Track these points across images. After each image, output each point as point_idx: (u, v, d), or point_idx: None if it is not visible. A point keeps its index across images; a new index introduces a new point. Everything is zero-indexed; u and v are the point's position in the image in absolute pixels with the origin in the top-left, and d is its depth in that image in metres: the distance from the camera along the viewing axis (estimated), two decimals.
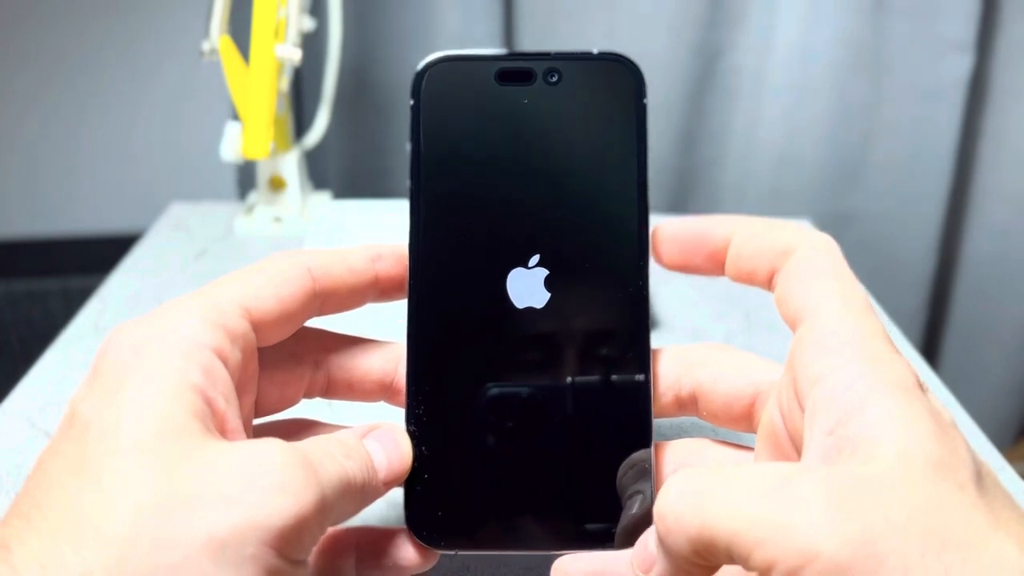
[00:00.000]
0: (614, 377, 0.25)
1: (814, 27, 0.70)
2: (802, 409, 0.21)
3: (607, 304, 0.25)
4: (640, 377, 0.25)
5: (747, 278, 0.24)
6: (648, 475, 0.24)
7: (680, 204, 0.79)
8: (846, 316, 0.21)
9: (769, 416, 0.23)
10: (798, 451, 0.21)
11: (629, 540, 0.23)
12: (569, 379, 0.25)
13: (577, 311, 0.25)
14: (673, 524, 0.18)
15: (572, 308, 0.25)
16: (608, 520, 0.24)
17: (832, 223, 0.76)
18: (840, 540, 0.16)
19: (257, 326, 0.23)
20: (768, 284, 0.24)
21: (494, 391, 0.25)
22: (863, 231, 0.79)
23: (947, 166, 0.76)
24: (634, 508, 0.24)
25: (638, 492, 0.24)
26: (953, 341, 0.86)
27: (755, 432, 0.24)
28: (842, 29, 0.70)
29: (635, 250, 0.25)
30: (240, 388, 0.22)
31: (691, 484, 0.18)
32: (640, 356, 0.25)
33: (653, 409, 0.25)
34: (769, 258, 0.24)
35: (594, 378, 0.25)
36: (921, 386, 0.20)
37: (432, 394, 0.24)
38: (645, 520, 0.23)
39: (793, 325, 0.22)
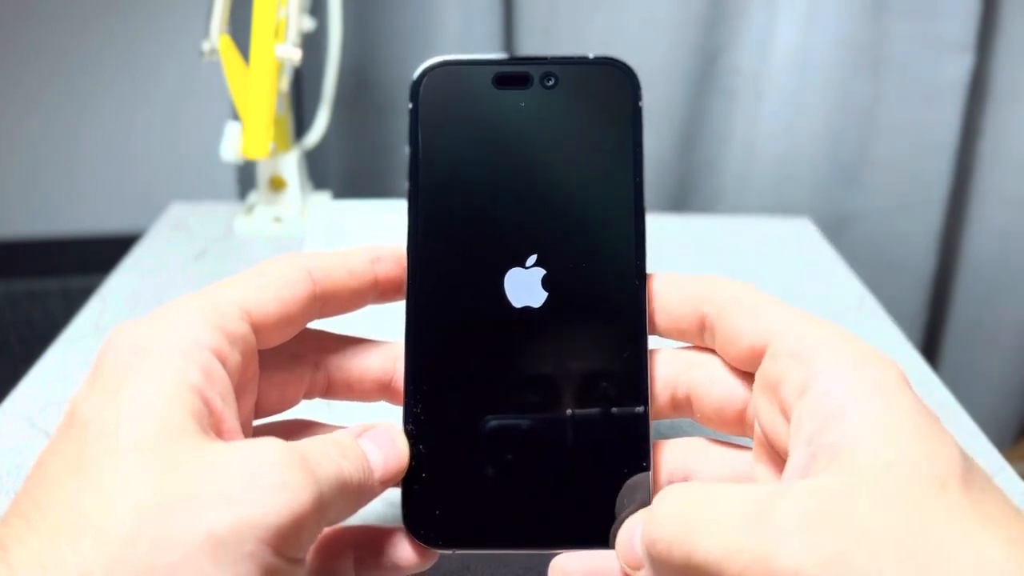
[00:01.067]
0: (612, 377, 0.25)
1: (814, 27, 0.70)
2: (787, 420, 0.21)
3: (604, 303, 0.25)
4: (638, 376, 0.25)
5: (675, 326, 0.25)
6: (648, 493, 0.24)
7: (680, 205, 0.79)
8: (813, 326, 0.22)
9: (759, 425, 0.23)
10: (787, 457, 0.21)
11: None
12: (567, 379, 0.25)
13: (574, 310, 0.25)
14: (664, 550, 0.19)
15: (569, 307, 0.25)
16: (606, 518, 0.24)
17: (832, 223, 0.76)
18: (814, 559, 0.16)
19: (257, 328, 0.23)
20: (698, 334, 0.25)
21: (492, 390, 0.25)
22: (863, 231, 0.79)
23: (947, 166, 0.76)
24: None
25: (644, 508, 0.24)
26: (953, 341, 0.86)
27: (748, 436, 0.24)
28: (842, 29, 0.70)
29: (631, 250, 0.25)
30: (239, 390, 0.22)
31: (680, 510, 0.19)
32: (638, 355, 0.25)
33: (651, 410, 0.25)
34: (694, 304, 0.24)
35: (592, 378, 0.25)
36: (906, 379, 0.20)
37: (430, 393, 0.24)
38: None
39: (756, 352, 0.23)
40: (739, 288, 0.24)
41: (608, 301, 0.25)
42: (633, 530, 0.21)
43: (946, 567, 0.16)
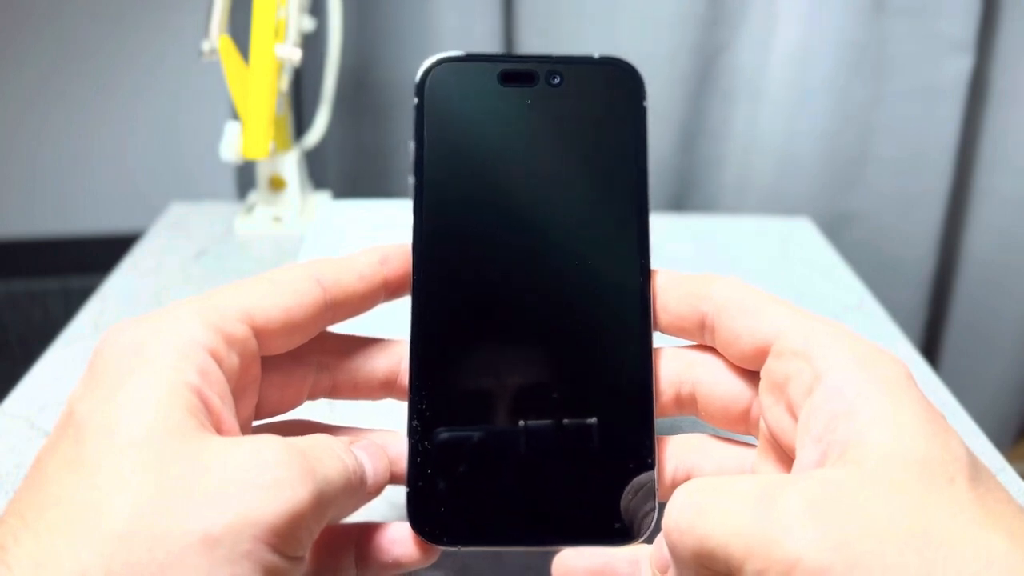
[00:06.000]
0: (617, 374, 0.25)
1: (814, 27, 0.70)
2: (794, 419, 0.21)
3: (609, 300, 0.25)
4: (643, 373, 0.25)
5: (676, 324, 0.25)
6: (653, 489, 0.24)
7: (680, 204, 0.79)
8: (818, 325, 0.22)
9: (765, 423, 0.23)
10: (793, 455, 0.21)
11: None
12: (572, 375, 0.25)
13: (579, 307, 0.25)
14: (677, 539, 0.19)
15: (574, 303, 0.25)
16: (610, 516, 0.24)
17: (832, 223, 0.76)
18: (819, 546, 0.16)
19: (260, 334, 0.23)
20: (698, 332, 0.25)
21: (497, 386, 0.25)
22: (863, 231, 0.79)
23: (947, 166, 0.76)
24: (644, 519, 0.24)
25: (647, 507, 0.24)
26: (953, 341, 0.86)
27: (752, 434, 0.24)
28: (842, 29, 0.70)
29: (635, 247, 0.25)
30: (237, 392, 0.22)
31: (691, 499, 0.19)
32: (642, 352, 0.25)
33: (655, 407, 0.25)
34: (693, 303, 0.24)
35: (597, 375, 0.25)
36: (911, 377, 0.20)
37: (435, 389, 0.24)
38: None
39: (760, 351, 0.23)
40: (737, 287, 0.24)
41: (613, 298, 0.25)
42: (662, 537, 0.21)
43: (950, 559, 0.16)
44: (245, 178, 0.74)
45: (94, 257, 0.69)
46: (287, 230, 0.59)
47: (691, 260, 0.57)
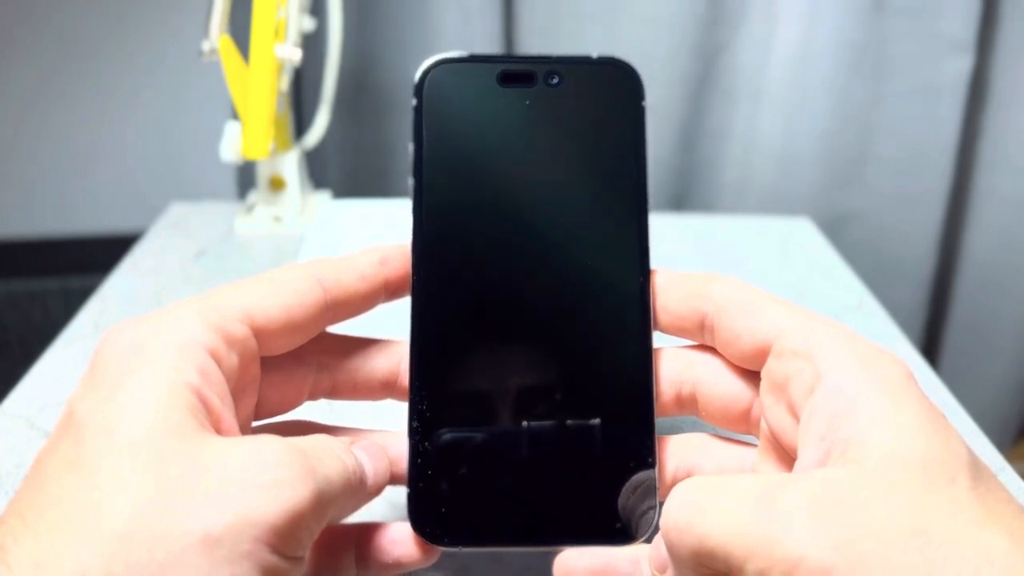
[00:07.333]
0: (617, 374, 0.25)
1: (814, 27, 0.70)
2: (795, 418, 0.21)
3: (609, 300, 0.25)
4: (643, 373, 0.25)
5: (676, 324, 0.25)
6: (653, 489, 0.24)
7: (680, 204, 0.79)
8: (818, 324, 0.22)
9: (765, 423, 0.23)
10: (794, 455, 0.21)
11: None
12: (572, 375, 0.25)
13: (579, 307, 0.25)
14: (676, 538, 0.19)
15: (574, 304, 0.25)
16: (611, 516, 0.24)
17: (832, 223, 0.76)
18: (821, 545, 0.16)
19: (260, 333, 0.23)
20: (698, 332, 0.25)
21: (497, 387, 0.25)
22: (863, 231, 0.79)
23: (947, 166, 0.76)
24: (644, 521, 0.24)
25: (647, 507, 0.24)
26: (953, 341, 0.86)
27: (753, 433, 0.24)
28: (842, 29, 0.70)
29: (635, 247, 0.25)
30: (237, 392, 0.22)
31: (689, 497, 0.19)
32: (642, 352, 0.25)
33: (656, 407, 0.25)
34: (693, 303, 0.24)
35: (597, 375, 0.25)
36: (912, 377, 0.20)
37: (435, 390, 0.24)
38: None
39: (760, 351, 0.23)
40: (737, 287, 0.24)
41: (613, 298, 0.25)
42: (661, 537, 0.21)
43: (951, 558, 0.16)
44: (245, 178, 0.74)
45: (94, 257, 0.69)
46: (287, 230, 0.59)
47: (691, 260, 0.57)
